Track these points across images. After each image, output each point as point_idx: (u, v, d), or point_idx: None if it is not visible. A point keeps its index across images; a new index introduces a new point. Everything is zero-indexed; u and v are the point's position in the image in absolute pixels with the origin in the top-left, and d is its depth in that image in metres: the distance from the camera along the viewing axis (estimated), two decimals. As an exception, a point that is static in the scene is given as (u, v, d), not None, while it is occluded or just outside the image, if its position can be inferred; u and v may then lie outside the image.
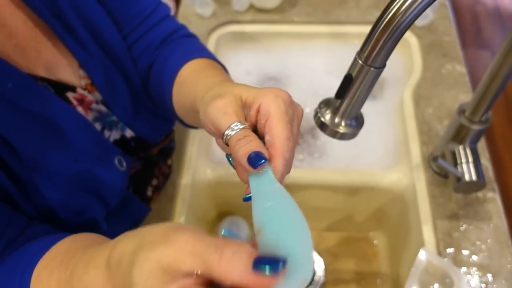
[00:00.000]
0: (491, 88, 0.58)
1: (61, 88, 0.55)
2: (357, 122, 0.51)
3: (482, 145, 0.77)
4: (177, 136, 0.82)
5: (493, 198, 0.71)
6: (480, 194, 0.72)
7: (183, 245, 0.30)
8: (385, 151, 0.88)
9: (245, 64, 1.03)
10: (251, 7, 1.04)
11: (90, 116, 0.58)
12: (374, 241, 0.89)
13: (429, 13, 0.97)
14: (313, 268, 0.62)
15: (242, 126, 0.38)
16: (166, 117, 0.68)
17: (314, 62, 1.02)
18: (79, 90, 0.57)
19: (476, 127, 0.64)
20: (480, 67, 2.10)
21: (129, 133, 0.63)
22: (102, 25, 0.59)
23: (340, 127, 0.50)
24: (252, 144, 0.37)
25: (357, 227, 0.90)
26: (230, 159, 0.42)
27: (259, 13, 1.03)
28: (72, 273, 0.41)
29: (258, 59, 1.03)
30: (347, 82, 0.45)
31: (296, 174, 0.81)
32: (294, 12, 1.03)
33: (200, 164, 0.81)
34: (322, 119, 0.50)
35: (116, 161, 0.59)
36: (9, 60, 0.49)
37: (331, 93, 0.51)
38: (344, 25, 1.00)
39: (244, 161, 0.37)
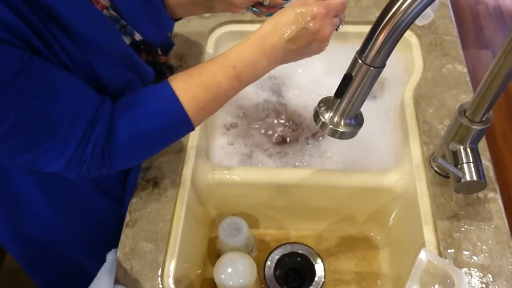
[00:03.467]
0: (492, 88, 0.58)
1: None
2: (357, 121, 0.51)
3: (483, 145, 0.76)
4: (177, 136, 0.81)
5: (494, 199, 0.71)
6: (481, 194, 0.71)
7: None
8: (386, 151, 0.88)
9: (245, 64, 1.03)
10: (251, 6, 1.04)
11: None
12: (375, 242, 0.89)
13: (429, 13, 0.97)
14: None
15: None
16: (164, 15, 0.74)
17: (314, 61, 1.01)
18: None
19: (477, 127, 0.64)
20: (481, 67, 2.10)
21: (137, 36, 0.68)
22: None
23: (340, 126, 0.50)
24: None
25: (358, 228, 0.89)
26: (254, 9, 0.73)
27: (259, 12, 1.03)
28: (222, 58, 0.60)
29: (258, 58, 1.03)
30: (346, 82, 0.45)
31: (297, 174, 0.81)
32: (294, 11, 1.02)
33: (200, 165, 0.81)
34: (322, 118, 0.50)
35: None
36: None
37: (332, 92, 0.50)
38: (344, 25, 1.00)
39: None
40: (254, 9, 0.75)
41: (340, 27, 0.63)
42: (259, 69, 0.60)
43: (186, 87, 0.59)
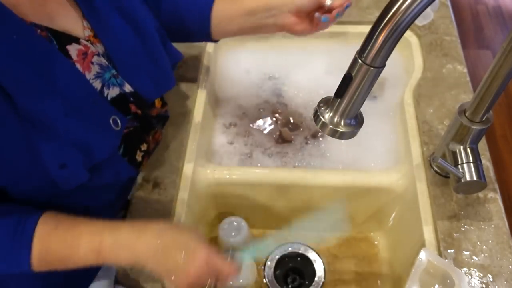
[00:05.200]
0: (492, 88, 0.58)
1: (64, 39, 0.56)
2: (357, 121, 0.50)
3: (483, 145, 0.76)
4: (177, 137, 0.81)
5: (494, 198, 0.71)
6: (481, 194, 0.71)
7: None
8: (386, 151, 0.88)
9: (245, 63, 1.03)
10: (251, 6, 1.04)
11: (92, 72, 0.59)
12: (375, 242, 0.89)
13: (429, 13, 0.97)
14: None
15: None
16: (167, 73, 0.72)
17: (314, 61, 1.01)
18: (83, 41, 0.58)
19: (477, 127, 0.64)
20: (481, 67, 2.10)
21: (127, 88, 0.64)
22: None
23: (340, 126, 0.50)
24: None
25: (358, 228, 0.89)
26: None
27: (259, 12, 1.03)
28: (100, 230, 0.55)
29: (258, 58, 1.03)
30: (346, 82, 0.45)
31: (297, 174, 0.81)
32: (294, 11, 1.02)
33: (200, 165, 0.81)
34: (322, 118, 0.50)
35: (110, 121, 0.60)
36: (16, 8, 0.51)
37: (331, 93, 0.50)
38: (344, 25, 1.00)
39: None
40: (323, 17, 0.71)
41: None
42: (121, 256, 0.55)
43: (48, 235, 0.54)
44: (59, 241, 0.54)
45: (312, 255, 0.79)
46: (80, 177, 0.57)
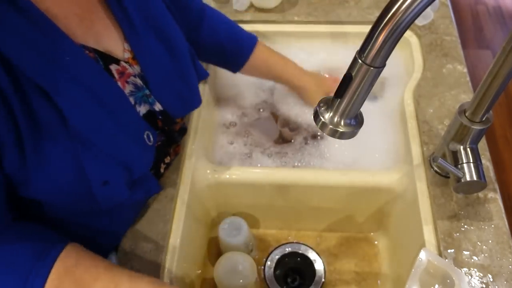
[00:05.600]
0: (492, 88, 0.58)
1: (108, 59, 0.58)
2: (357, 121, 0.50)
3: (483, 145, 0.76)
4: (177, 136, 0.81)
5: (494, 198, 0.71)
6: (481, 194, 0.71)
7: None
8: (386, 151, 0.88)
9: (245, 63, 1.03)
10: (251, 6, 1.04)
11: (126, 90, 0.60)
12: (375, 242, 0.89)
13: (430, 13, 0.97)
14: None
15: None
16: (195, 93, 0.74)
17: (314, 61, 1.01)
18: (122, 63, 0.60)
19: (477, 127, 0.64)
20: (481, 67, 2.10)
21: (158, 106, 0.66)
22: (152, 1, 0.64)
23: (340, 126, 0.50)
24: None
25: (358, 228, 0.89)
26: None
27: (259, 12, 1.03)
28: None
29: (258, 58, 1.03)
30: (346, 82, 0.45)
31: (297, 174, 0.81)
32: (294, 11, 1.02)
33: (200, 165, 0.81)
34: (322, 118, 0.50)
35: (145, 136, 0.62)
36: (67, 30, 0.52)
37: (331, 92, 0.51)
38: (344, 25, 1.00)
39: None
40: None
41: None
42: None
43: (65, 272, 0.52)
44: (75, 280, 0.52)
45: (312, 255, 0.79)
46: (121, 194, 0.58)
